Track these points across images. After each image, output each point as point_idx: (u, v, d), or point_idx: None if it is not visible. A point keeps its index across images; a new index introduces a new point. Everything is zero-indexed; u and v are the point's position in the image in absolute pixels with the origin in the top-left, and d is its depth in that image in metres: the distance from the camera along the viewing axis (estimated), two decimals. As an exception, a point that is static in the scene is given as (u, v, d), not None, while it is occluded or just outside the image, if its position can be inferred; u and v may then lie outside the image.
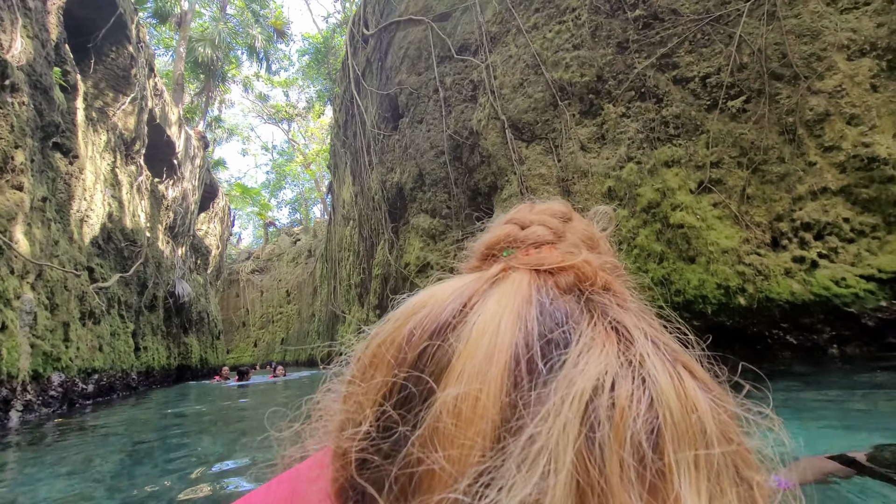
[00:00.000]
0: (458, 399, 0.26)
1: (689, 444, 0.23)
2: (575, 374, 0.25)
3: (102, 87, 10.86)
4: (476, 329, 0.28)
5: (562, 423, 0.23)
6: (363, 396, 0.30)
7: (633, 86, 5.87)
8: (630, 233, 5.57)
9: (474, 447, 0.24)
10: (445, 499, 0.24)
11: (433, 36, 8.52)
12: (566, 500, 0.21)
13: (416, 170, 8.70)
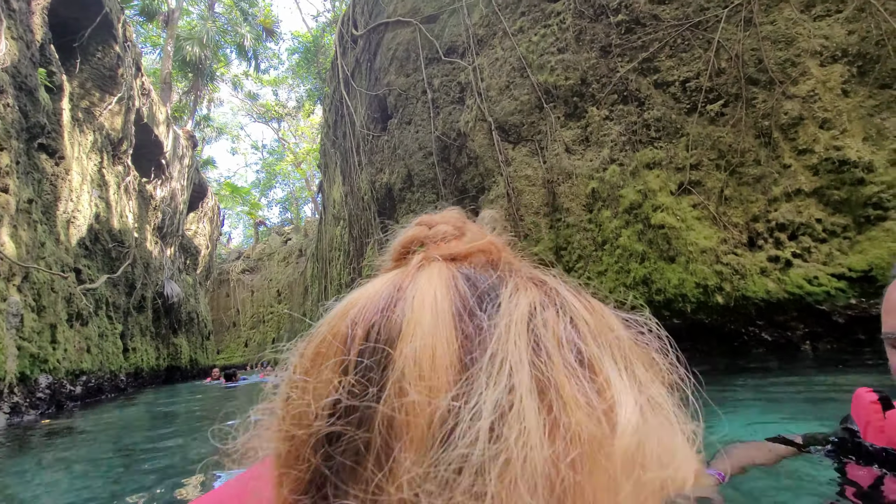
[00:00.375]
0: (417, 353, 0.29)
1: (603, 337, 0.30)
2: (511, 307, 0.31)
3: (89, 87, 10.77)
4: (416, 300, 0.32)
5: (513, 339, 0.29)
6: (317, 384, 0.31)
7: (615, 89, 5.99)
8: (613, 233, 5.70)
9: (441, 386, 0.28)
10: (428, 416, 0.27)
11: (421, 38, 8.59)
12: (530, 393, 0.27)
13: (404, 170, 8.77)
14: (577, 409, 0.27)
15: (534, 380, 0.27)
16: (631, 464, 0.27)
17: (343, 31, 12.99)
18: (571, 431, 0.26)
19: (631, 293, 5.40)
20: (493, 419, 0.26)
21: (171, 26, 21.28)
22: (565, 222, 6.17)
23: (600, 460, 0.26)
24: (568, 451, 0.26)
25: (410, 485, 0.26)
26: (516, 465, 0.25)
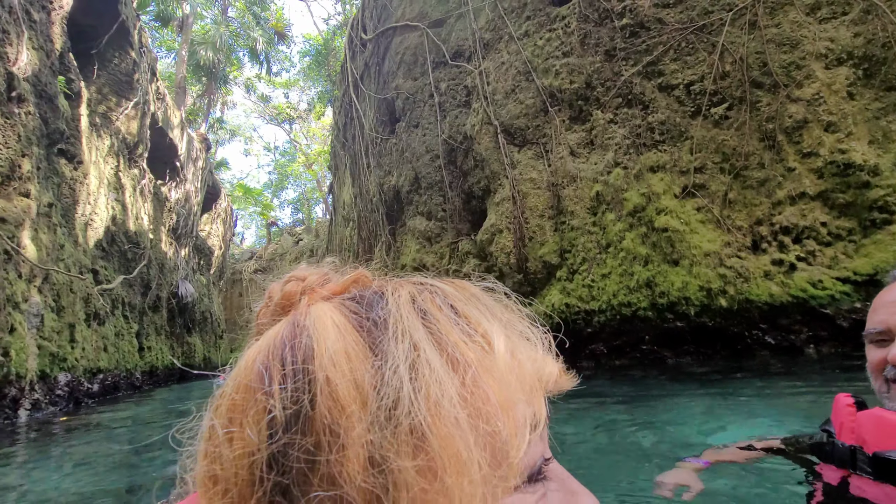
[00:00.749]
0: (333, 355, 0.33)
1: (469, 299, 0.39)
2: (397, 298, 0.38)
3: (106, 93, 11.07)
4: (317, 324, 0.36)
5: (405, 315, 0.36)
6: (246, 421, 0.33)
7: (620, 92, 6.02)
8: (617, 236, 5.73)
9: (361, 368, 0.33)
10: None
11: (428, 42, 8.68)
12: (429, 343, 0.34)
13: (412, 173, 8.87)
14: (463, 345, 0.35)
15: (429, 335, 0.35)
16: (511, 368, 0.35)
17: (352, 35, 13.15)
18: (464, 360, 0.34)
19: (635, 296, 5.43)
20: (408, 367, 0.33)
21: (185, 31, 21.69)
22: (570, 225, 6.22)
23: (491, 371, 0.34)
24: (467, 373, 0.33)
25: (365, 448, 0.31)
26: (437, 393, 0.32)
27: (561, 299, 6.02)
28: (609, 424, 3.20)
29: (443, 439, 0.31)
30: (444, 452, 0.31)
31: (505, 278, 6.81)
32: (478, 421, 0.32)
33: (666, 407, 3.52)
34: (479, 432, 0.32)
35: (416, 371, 0.33)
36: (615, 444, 2.78)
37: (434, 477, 0.30)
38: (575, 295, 5.92)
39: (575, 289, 5.97)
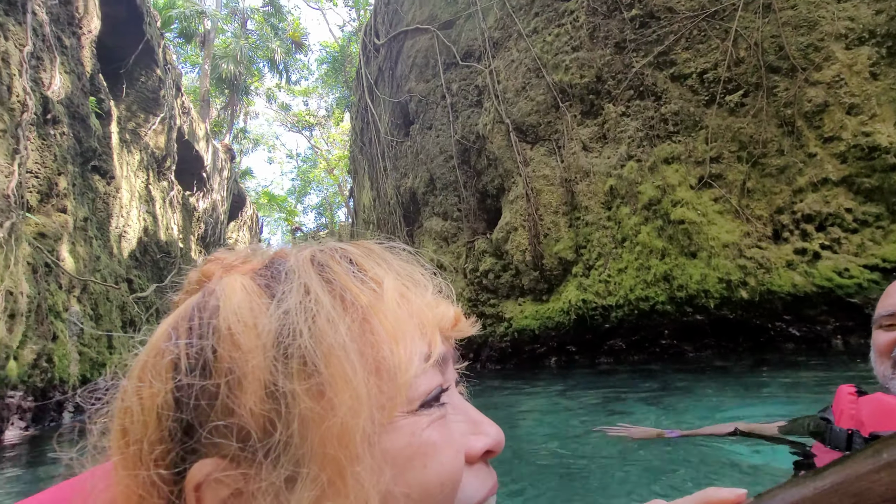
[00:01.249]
0: (237, 308, 0.36)
1: (367, 253, 0.42)
2: (297, 256, 0.41)
3: (134, 110, 11.59)
4: (226, 287, 0.39)
5: (301, 266, 0.39)
6: (153, 371, 0.36)
7: (631, 85, 5.95)
8: (632, 230, 5.66)
9: (259, 316, 0.36)
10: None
11: (439, 43, 8.75)
12: (320, 286, 0.37)
13: (427, 175, 8.96)
14: (354, 288, 0.38)
15: (322, 281, 0.38)
16: (400, 305, 0.39)
17: (366, 41, 13.34)
18: (353, 298, 0.38)
19: (652, 290, 5.36)
20: (300, 307, 0.36)
21: (207, 46, 22.42)
22: (584, 220, 6.18)
23: (379, 307, 0.38)
24: (355, 309, 0.37)
25: (261, 380, 0.34)
26: (323, 325, 0.35)
27: (577, 295, 5.99)
28: (627, 418, 3.19)
29: (329, 363, 0.34)
30: (331, 373, 0.34)
31: (521, 275, 6.82)
32: (364, 347, 0.36)
33: (687, 401, 3.48)
34: (365, 357, 0.36)
35: (306, 309, 0.36)
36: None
37: (322, 396, 0.34)
38: (591, 290, 5.88)
39: (591, 284, 5.93)
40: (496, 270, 7.20)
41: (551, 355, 6.29)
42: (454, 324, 0.44)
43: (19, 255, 4.61)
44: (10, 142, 4.73)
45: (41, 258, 5.49)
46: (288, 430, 0.34)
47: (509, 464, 2.56)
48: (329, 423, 0.33)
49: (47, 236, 5.84)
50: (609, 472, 2.25)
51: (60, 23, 6.76)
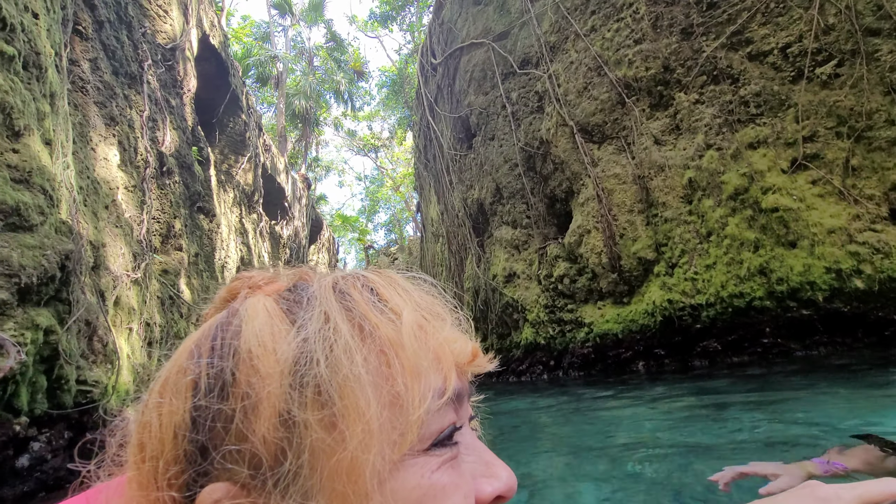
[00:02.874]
0: (259, 331, 0.36)
1: (389, 282, 0.43)
2: (320, 282, 0.41)
3: (226, 153, 12.98)
4: (249, 309, 0.39)
5: (323, 293, 0.39)
6: (174, 389, 0.36)
7: (703, 70, 5.63)
8: (718, 223, 5.32)
9: (280, 342, 0.36)
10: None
11: (495, 55, 8.88)
12: (340, 314, 0.37)
13: (493, 184, 9.06)
14: (373, 318, 0.38)
15: (342, 309, 0.38)
16: (417, 338, 0.38)
17: (423, 62, 13.85)
18: (371, 328, 0.37)
19: (747, 285, 4.99)
20: (318, 335, 0.36)
21: (280, 86, 24.50)
22: (663, 217, 5.91)
23: (396, 339, 0.37)
24: (373, 340, 0.37)
25: (276, 407, 0.34)
26: (340, 354, 0.35)
27: (662, 296, 5.72)
28: (731, 427, 3.01)
29: (343, 394, 0.34)
30: (344, 405, 0.34)
31: (598, 279, 6.64)
32: (379, 380, 0.36)
33: (799, 405, 3.21)
34: (379, 391, 0.35)
35: (325, 338, 0.36)
36: (740, 447, 2.63)
37: (334, 428, 0.33)
38: (677, 290, 5.59)
39: (677, 283, 5.63)
40: (571, 275, 7.08)
41: (638, 360, 6.04)
42: (471, 359, 0.43)
43: (152, 290, 5.41)
44: (139, 194, 5.60)
45: (166, 292, 6.36)
46: (298, 460, 0.33)
47: (604, 470, 2.55)
48: (339, 457, 0.33)
49: (169, 272, 6.74)
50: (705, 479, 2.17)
51: (167, 86, 7.84)
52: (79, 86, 4.76)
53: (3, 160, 2.89)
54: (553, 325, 7.31)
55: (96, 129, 4.94)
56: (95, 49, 5.29)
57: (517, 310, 8.08)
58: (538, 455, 3.07)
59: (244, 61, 22.93)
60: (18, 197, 2.82)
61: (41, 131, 3.30)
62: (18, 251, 2.63)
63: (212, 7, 12.38)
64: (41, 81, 3.43)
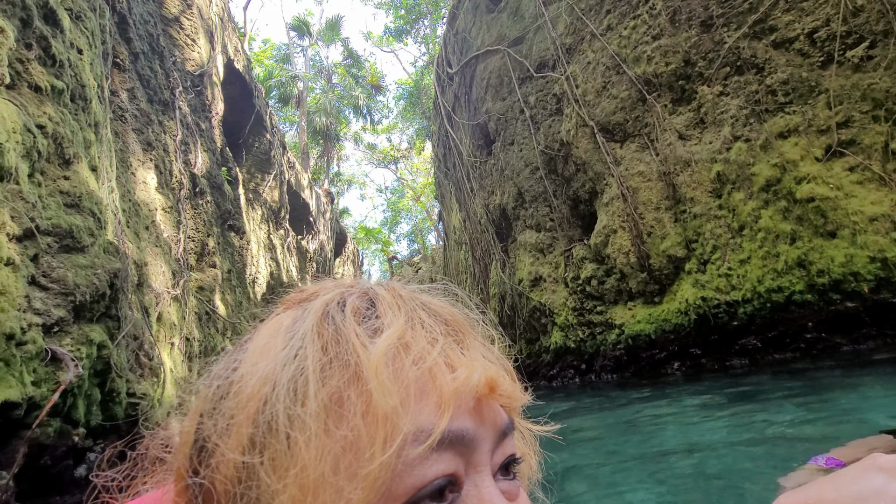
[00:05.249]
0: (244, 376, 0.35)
1: (396, 298, 0.40)
2: (312, 305, 0.39)
3: (252, 172, 13.41)
4: (259, 331, 0.40)
5: (308, 322, 0.37)
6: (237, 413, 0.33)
7: (726, 61, 5.53)
8: (750, 216, 5.18)
9: (269, 365, 0.35)
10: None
11: (511, 61, 8.93)
12: (312, 343, 0.34)
13: (514, 189, 9.06)
14: (345, 344, 0.34)
15: (316, 337, 0.35)
16: (397, 372, 0.32)
17: (439, 72, 14.03)
18: (341, 359, 0.33)
19: (785, 279, 4.83)
20: (287, 363, 0.34)
21: (302, 105, 25.19)
22: (691, 213, 5.79)
23: (373, 375, 0.32)
24: (334, 377, 0.32)
25: (245, 440, 0.32)
26: (302, 394, 0.32)
27: (695, 293, 5.59)
28: (776, 425, 2.91)
29: (290, 439, 0.30)
30: (289, 446, 0.30)
31: (627, 279, 6.54)
32: (334, 421, 0.31)
33: (847, 401, 3.08)
34: (332, 437, 0.30)
35: (294, 368, 0.33)
36: (788, 444, 2.55)
37: (278, 470, 0.30)
38: (711, 287, 5.45)
39: (710, 280, 5.50)
40: (599, 276, 6.99)
41: (673, 360, 5.90)
42: (489, 390, 0.35)
43: (190, 306, 5.63)
44: (175, 215, 5.86)
45: (202, 307, 6.59)
46: (249, 494, 0.31)
47: (646, 473, 2.50)
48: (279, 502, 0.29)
49: (205, 289, 6.99)
50: (762, 480, 2.10)
51: (197, 111, 8.19)
52: (118, 114, 5.05)
53: (56, 187, 3.09)
54: (582, 328, 7.21)
55: (135, 154, 5.22)
56: (132, 79, 5.60)
57: (545, 314, 8.01)
58: (576, 460, 3.03)
59: (266, 83, 23.72)
60: (71, 220, 3.01)
61: (88, 158, 3.51)
62: (73, 271, 2.80)
63: (235, 33, 12.90)
64: (86, 112, 3.66)
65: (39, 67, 3.24)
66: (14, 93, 3.03)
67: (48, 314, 2.68)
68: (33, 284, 2.68)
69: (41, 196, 2.96)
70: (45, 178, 3.09)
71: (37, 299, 2.65)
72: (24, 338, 2.47)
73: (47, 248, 2.82)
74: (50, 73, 3.32)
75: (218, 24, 9.73)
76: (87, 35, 3.90)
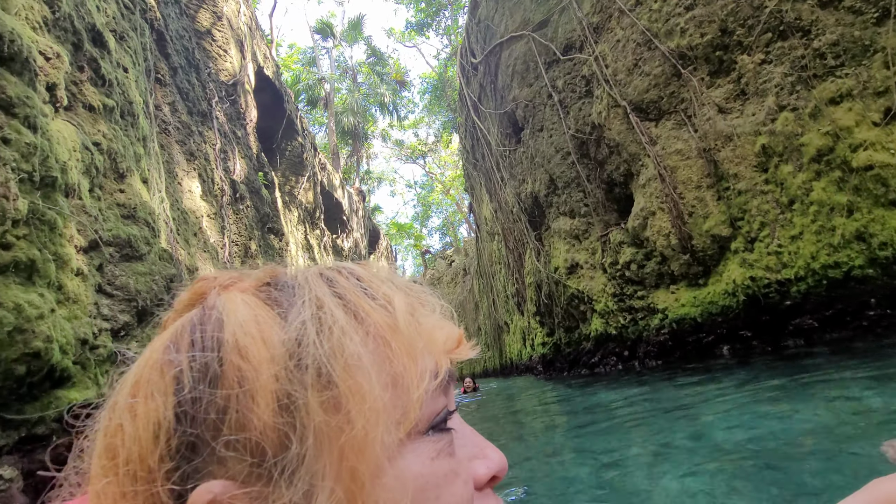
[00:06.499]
0: (243, 322, 0.35)
1: (374, 272, 0.42)
2: (307, 273, 0.40)
3: (287, 175, 13.81)
4: (226, 304, 0.37)
5: (311, 281, 0.38)
6: (151, 388, 0.34)
7: (768, 27, 5.23)
8: (801, 189, 4.90)
9: (267, 330, 0.35)
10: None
11: (536, 46, 8.76)
12: (332, 300, 0.37)
13: (546, 176, 8.92)
14: (366, 304, 0.38)
15: (334, 295, 0.38)
16: (410, 323, 0.38)
17: (463, 62, 13.93)
18: (366, 314, 0.37)
19: (843, 254, 4.56)
20: (313, 319, 0.35)
21: (329, 106, 25.65)
22: (735, 189, 5.53)
23: (391, 324, 0.37)
24: (368, 324, 0.37)
25: (274, 392, 0.33)
26: (339, 337, 0.35)
27: (743, 273, 5.36)
28: (841, 406, 2.77)
29: (346, 375, 0.34)
30: (347, 385, 0.33)
31: (668, 262, 6.34)
32: (379, 360, 0.36)
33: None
34: (380, 370, 0.35)
35: (320, 321, 0.35)
36: (860, 425, 2.42)
37: (338, 409, 0.33)
38: (760, 266, 5.21)
39: (758, 259, 5.25)
40: (638, 260, 6.81)
41: (721, 343, 5.69)
42: (457, 345, 0.43)
43: (238, 307, 5.89)
44: (219, 221, 6.14)
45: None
46: (303, 444, 0.32)
47: (710, 460, 2.45)
48: (348, 436, 0.33)
49: (249, 290, 7.30)
50: (830, 463, 2.02)
51: (232, 119, 8.51)
52: (162, 127, 5.32)
53: (113, 200, 3.30)
54: (623, 314, 7.06)
55: (180, 164, 5.50)
56: (172, 93, 5.88)
57: (583, 301, 7.89)
58: (622, 447, 3.00)
59: (295, 87, 24.28)
60: (128, 230, 3.21)
61: (139, 171, 3.73)
62: (133, 278, 3.00)
63: (263, 41, 13.26)
64: (135, 127, 3.88)
65: (91, 88, 3.46)
66: (71, 113, 3.25)
67: (115, 319, 2.88)
68: (100, 292, 2.89)
69: (101, 209, 3.17)
70: (104, 192, 3.31)
71: (104, 306, 2.85)
72: (97, 342, 2.67)
73: (110, 257, 3.03)
74: (101, 93, 3.53)
75: (247, 34, 10.03)
76: (130, 54, 4.12)
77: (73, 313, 2.57)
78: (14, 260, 2.18)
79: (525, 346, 12.74)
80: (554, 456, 3.21)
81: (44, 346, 2.15)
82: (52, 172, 2.56)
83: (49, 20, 3.09)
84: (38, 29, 2.95)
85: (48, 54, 2.91)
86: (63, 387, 2.36)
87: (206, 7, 8.30)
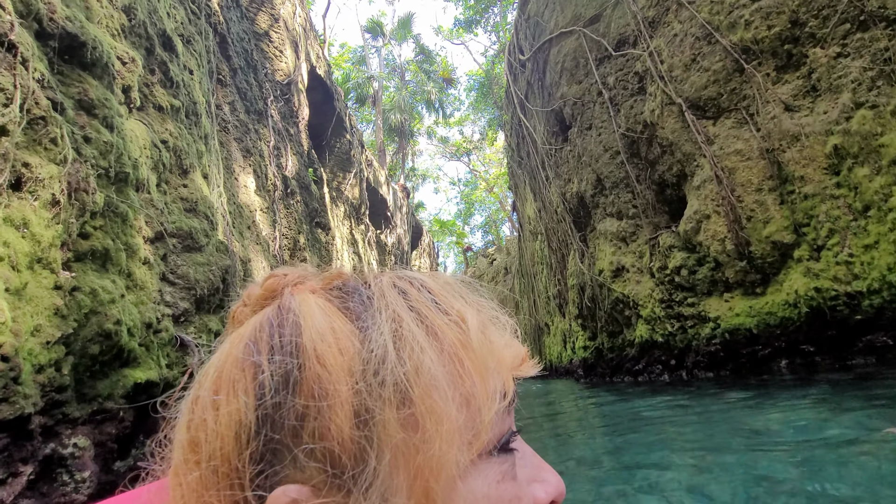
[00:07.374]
0: (320, 329, 0.36)
1: (445, 286, 0.42)
2: (379, 283, 0.41)
3: (335, 171, 14.24)
4: (302, 307, 0.38)
5: (387, 294, 0.39)
6: (233, 389, 0.34)
7: (846, 17, 4.81)
8: (878, 194, 4.49)
9: (345, 340, 0.35)
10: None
11: (587, 41, 8.52)
12: (410, 315, 0.37)
13: (593, 176, 8.68)
14: (440, 320, 0.38)
15: (409, 310, 0.38)
16: (482, 342, 0.38)
17: (511, 60, 13.78)
18: (441, 331, 0.37)
19: None
20: (391, 333, 0.36)
21: (377, 104, 26.16)
22: (801, 193, 5.15)
23: (465, 342, 0.37)
24: (444, 341, 0.37)
25: (352, 404, 0.33)
26: (418, 354, 0.35)
27: (807, 284, 4.98)
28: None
29: (424, 394, 0.34)
30: (426, 405, 0.33)
31: (723, 268, 6.00)
32: (455, 379, 0.36)
33: None
34: (455, 390, 0.35)
35: (399, 337, 0.36)
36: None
37: (416, 428, 0.33)
38: (827, 276, 4.83)
39: (825, 269, 4.87)
40: (689, 266, 6.49)
41: (779, 357, 5.33)
42: (521, 363, 0.42)
43: (286, 298, 6.17)
44: (271, 215, 6.45)
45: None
46: (381, 460, 0.33)
47: (781, 486, 2.31)
48: (424, 456, 0.33)
49: (297, 281, 7.62)
50: None
51: (286, 117, 8.87)
52: (222, 126, 5.65)
53: (177, 194, 3.54)
54: (671, 321, 6.76)
55: (237, 161, 5.81)
56: (232, 93, 6.22)
57: (628, 306, 7.62)
58: (663, 463, 2.88)
59: (344, 85, 24.95)
60: (190, 223, 3.44)
61: (200, 168, 3.98)
62: (193, 268, 3.21)
63: (316, 41, 13.72)
64: (198, 126, 4.14)
65: (161, 89, 3.72)
66: (143, 113, 3.52)
67: (176, 306, 3.10)
68: (164, 280, 3.11)
69: (166, 203, 3.42)
70: (169, 187, 3.56)
71: (167, 293, 3.08)
72: (159, 326, 2.89)
73: (173, 248, 3.26)
74: (169, 94, 3.80)
75: (301, 35, 10.41)
76: (195, 57, 4.39)
77: (140, 299, 2.79)
78: (91, 248, 2.40)
79: (566, 349, 12.49)
80: (592, 468, 3.14)
81: (114, 328, 2.35)
82: (125, 168, 2.79)
83: (126, 27, 3.36)
84: (116, 36, 3.22)
85: (124, 59, 3.16)
86: (129, 366, 2.57)
87: (265, 10, 8.70)
